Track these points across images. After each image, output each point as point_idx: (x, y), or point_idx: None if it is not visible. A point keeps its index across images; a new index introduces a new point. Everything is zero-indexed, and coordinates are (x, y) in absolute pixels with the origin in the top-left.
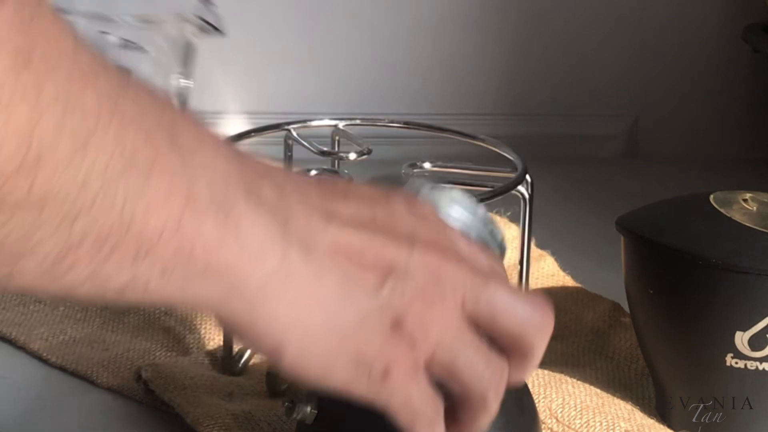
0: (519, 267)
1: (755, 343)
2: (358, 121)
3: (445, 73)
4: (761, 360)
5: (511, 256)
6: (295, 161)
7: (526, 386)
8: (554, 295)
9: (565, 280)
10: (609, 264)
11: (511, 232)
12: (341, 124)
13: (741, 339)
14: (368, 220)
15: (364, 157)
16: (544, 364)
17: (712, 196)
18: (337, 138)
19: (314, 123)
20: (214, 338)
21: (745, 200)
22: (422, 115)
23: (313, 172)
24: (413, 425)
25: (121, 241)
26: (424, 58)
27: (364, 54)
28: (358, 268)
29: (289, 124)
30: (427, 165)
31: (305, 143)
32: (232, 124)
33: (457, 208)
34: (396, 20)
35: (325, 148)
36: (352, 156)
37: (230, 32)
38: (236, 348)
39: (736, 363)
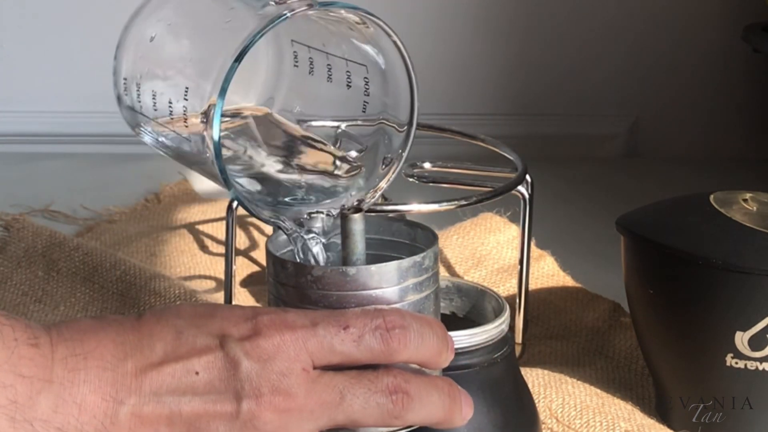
0: (519, 267)
1: (755, 343)
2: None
3: (445, 73)
4: (761, 360)
5: (511, 256)
6: None
7: (526, 386)
8: (554, 295)
9: (565, 280)
10: (609, 264)
11: (511, 232)
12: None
13: (741, 339)
14: (186, 383)
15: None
16: (544, 364)
17: (712, 196)
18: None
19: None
20: None
21: (745, 200)
22: (422, 115)
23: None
24: None
25: None
26: (425, 58)
27: None
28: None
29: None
30: (427, 165)
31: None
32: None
33: None
34: (396, 21)
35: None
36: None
37: None
38: None
39: (736, 363)
